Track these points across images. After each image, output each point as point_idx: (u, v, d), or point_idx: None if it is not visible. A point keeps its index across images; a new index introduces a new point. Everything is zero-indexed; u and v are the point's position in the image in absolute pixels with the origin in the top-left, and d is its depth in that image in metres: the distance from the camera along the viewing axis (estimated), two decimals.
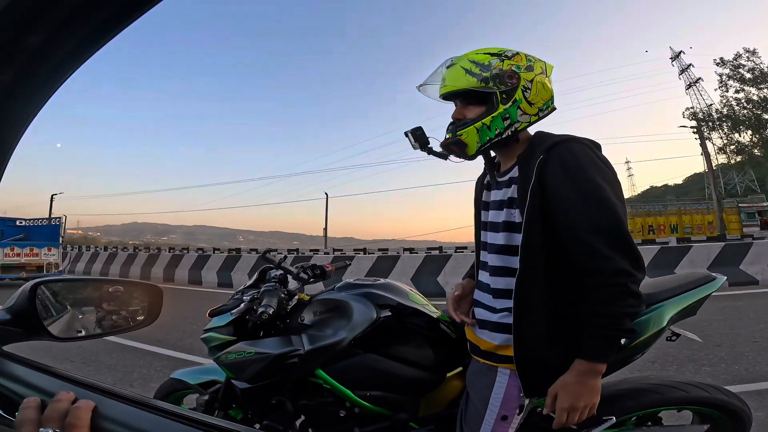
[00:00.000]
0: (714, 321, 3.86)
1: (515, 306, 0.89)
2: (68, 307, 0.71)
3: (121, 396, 0.47)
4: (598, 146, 0.94)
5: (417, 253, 8.37)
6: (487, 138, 0.98)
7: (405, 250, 9.01)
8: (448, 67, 1.01)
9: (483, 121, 0.97)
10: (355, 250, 9.91)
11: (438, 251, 8.26)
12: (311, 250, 10.34)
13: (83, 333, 0.72)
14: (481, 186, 1.12)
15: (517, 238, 0.91)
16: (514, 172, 0.98)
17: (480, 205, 1.10)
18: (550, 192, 0.87)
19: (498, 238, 0.98)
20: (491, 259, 0.99)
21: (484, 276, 1.02)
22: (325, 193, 26.84)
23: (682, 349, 3.00)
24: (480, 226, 1.08)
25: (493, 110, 0.97)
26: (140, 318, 0.77)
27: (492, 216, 1.02)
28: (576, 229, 0.85)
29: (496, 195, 1.02)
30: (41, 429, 0.40)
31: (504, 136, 0.98)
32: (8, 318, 0.59)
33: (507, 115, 0.97)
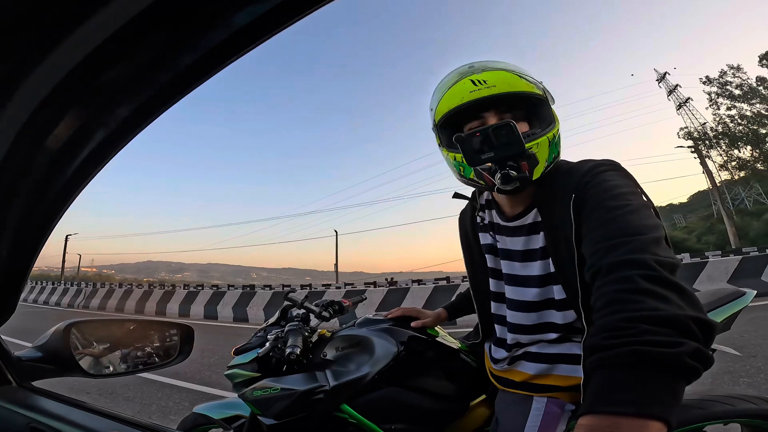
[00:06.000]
0: (745, 332, 3.80)
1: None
2: (99, 345, 0.72)
3: None
4: (619, 165, 0.78)
5: (425, 284, 8.35)
6: (553, 157, 0.78)
7: (413, 281, 8.91)
8: (479, 72, 0.79)
9: (553, 131, 0.78)
10: (365, 283, 9.81)
11: (446, 281, 8.21)
12: (323, 285, 10.30)
13: (113, 369, 0.73)
14: (473, 225, 1.00)
15: (557, 291, 0.81)
16: (533, 217, 0.84)
17: (477, 248, 0.98)
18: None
19: (533, 295, 0.85)
20: (523, 318, 0.87)
21: (504, 330, 0.93)
22: (335, 231, 27.10)
23: (715, 362, 2.88)
24: (484, 272, 0.97)
25: (553, 126, 0.79)
26: (172, 355, 0.79)
27: (517, 268, 0.88)
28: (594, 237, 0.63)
29: (513, 243, 0.88)
30: None
31: (553, 165, 0.79)
32: (40, 355, 0.61)
33: (559, 137, 0.80)
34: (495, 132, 0.71)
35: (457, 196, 0.97)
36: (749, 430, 1.07)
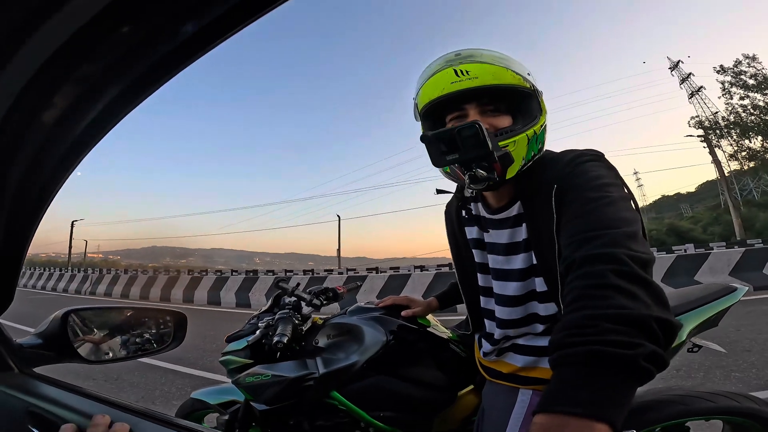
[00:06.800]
0: (741, 326, 3.76)
1: None
2: (97, 332, 0.74)
3: (155, 417, 0.49)
4: (602, 155, 0.78)
5: (428, 270, 8.41)
6: (532, 155, 0.78)
7: (416, 267, 8.97)
8: (462, 61, 0.76)
9: (534, 128, 0.77)
10: (367, 269, 9.83)
11: (448, 267, 8.24)
12: (326, 270, 10.39)
13: (111, 356, 0.75)
14: (459, 218, 0.98)
15: (539, 283, 0.80)
16: (516, 210, 0.83)
17: (464, 242, 0.97)
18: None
19: (515, 288, 0.84)
20: (510, 312, 0.86)
21: (492, 325, 0.92)
22: (338, 216, 27.17)
23: (708, 356, 2.88)
24: (471, 266, 0.96)
25: (537, 121, 0.78)
26: (167, 342, 0.81)
27: (501, 262, 0.87)
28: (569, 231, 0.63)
29: (498, 237, 0.86)
30: None
31: (535, 159, 0.79)
32: (40, 342, 0.64)
33: (544, 131, 0.80)
34: (460, 134, 0.69)
35: (440, 192, 0.96)
36: (731, 428, 1.08)
